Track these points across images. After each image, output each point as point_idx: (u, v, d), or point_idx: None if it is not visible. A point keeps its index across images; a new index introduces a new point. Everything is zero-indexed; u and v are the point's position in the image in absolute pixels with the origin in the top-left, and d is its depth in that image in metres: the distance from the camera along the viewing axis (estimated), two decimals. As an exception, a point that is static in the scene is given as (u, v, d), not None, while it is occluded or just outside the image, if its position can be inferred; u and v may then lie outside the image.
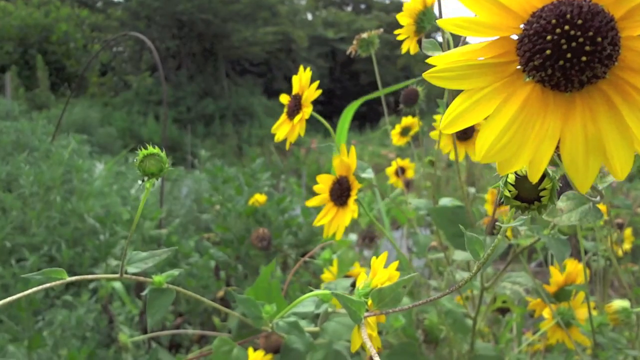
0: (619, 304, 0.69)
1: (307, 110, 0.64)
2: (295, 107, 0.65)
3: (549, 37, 0.27)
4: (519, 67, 0.30)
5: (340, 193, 0.65)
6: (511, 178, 0.36)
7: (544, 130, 0.30)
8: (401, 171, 1.21)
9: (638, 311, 0.69)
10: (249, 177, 1.70)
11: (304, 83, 0.65)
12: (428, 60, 0.32)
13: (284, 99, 0.69)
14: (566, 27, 0.27)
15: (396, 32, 0.74)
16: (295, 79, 0.67)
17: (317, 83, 0.64)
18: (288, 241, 1.58)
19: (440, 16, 0.67)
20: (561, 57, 0.27)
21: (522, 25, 0.29)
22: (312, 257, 1.00)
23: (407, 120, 1.07)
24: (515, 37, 0.30)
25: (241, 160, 8.82)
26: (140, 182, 0.49)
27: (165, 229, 1.65)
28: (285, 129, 0.66)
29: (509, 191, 0.36)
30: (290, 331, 0.51)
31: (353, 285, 0.65)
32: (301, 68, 0.66)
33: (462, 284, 0.38)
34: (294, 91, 0.67)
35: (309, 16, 20.04)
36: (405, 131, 1.08)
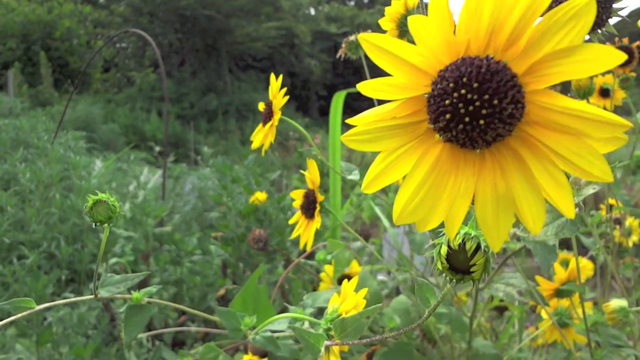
0: (616, 303, 0.68)
1: (276, 117, 0.65)
2: (269, 114, 0.66)
3: (447, 101, 0.27)
4: (430, 125, 0.29)
5: (307, 206, 0.67)
6: (444, 250, 0.35)
7: (456, 189, 0.29)
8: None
9: (636, 310, 0.68)
10: (257, 176, 1.70)
11: (275, 91, 0.66)
12: (348, 121, 0.31)
13: (261, 106, 0.70)
14: (462, 91, 0.26)
15: None
16: (269, 88, 0.68)
17: (285, 89, 0.65)
18: (290, 239, 1.58)
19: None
20: (461, 120, 0.27)
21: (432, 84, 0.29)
22: (313, 253, 1.00)
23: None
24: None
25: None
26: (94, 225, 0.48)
27: (166, 225, 1.65)
28: (261, 136, 0.68)
29: (442, 263, 0.35)
30: (266, 346, 0.52)
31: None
32: (272, 76, 0.67)
33: (438, 302, 0.38)
34: (270, 98, 0.68)
35: (312, 11, 19.99)
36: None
